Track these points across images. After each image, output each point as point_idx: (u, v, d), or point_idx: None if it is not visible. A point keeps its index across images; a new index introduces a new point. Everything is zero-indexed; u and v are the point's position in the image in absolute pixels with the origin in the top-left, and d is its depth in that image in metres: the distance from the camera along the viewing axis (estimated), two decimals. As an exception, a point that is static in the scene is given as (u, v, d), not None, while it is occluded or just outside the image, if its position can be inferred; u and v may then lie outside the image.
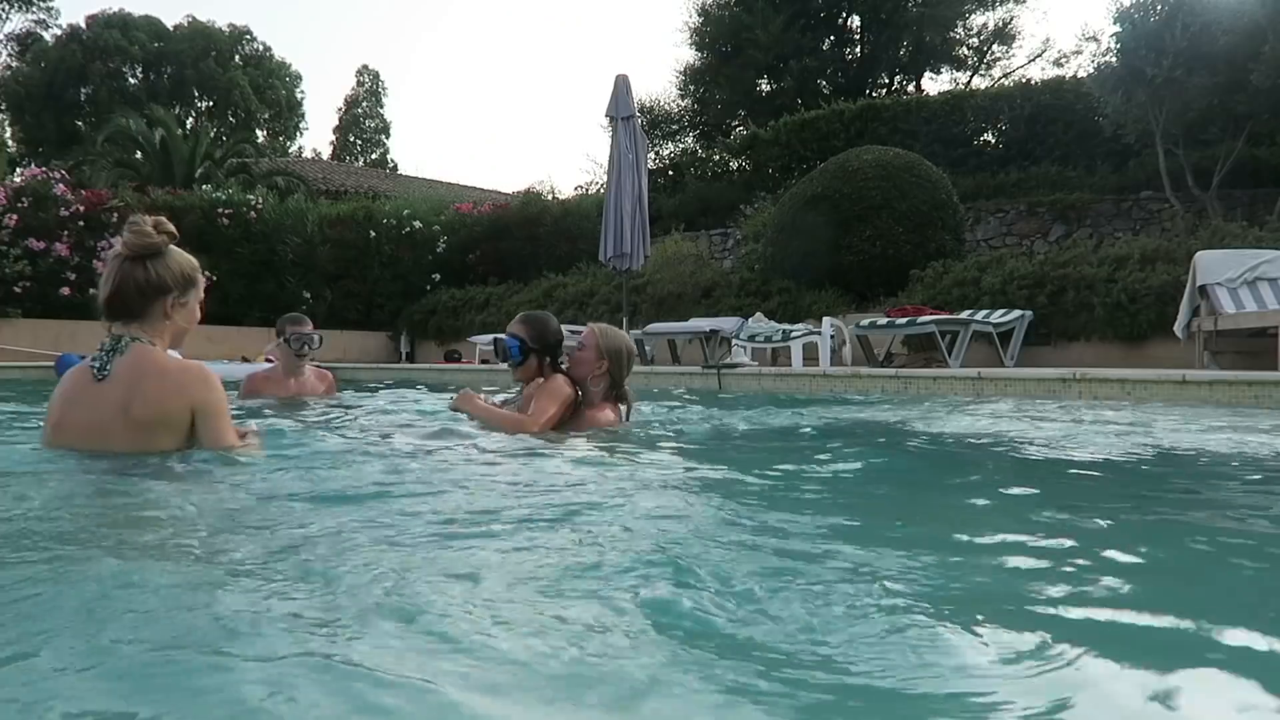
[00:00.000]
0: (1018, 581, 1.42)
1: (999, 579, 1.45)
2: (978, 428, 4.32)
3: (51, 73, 36.03)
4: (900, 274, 10.60)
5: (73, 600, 1.13)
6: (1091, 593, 1.34)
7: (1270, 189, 11.64)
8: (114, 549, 1.44)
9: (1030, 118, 14.81)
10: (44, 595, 1.15)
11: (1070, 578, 1.41)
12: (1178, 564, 1.61)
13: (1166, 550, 1.69)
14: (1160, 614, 1.23)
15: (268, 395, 5.11)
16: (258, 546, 1.49)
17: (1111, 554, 1.56)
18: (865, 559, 1.50)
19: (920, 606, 1.22)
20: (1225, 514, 2.15)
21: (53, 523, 1.68)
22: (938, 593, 1.32)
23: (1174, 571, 1.57)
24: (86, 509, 1.82)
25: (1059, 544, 1.65)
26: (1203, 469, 3.01)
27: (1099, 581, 1.40)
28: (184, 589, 1.20)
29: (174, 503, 1.86)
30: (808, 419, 4.93)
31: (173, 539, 1.56)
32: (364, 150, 46.76)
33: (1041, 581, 1.39)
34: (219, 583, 1.24)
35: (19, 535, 1.54)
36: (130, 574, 1.26)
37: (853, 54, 23.46)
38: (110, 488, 2.01)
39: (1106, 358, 8.64)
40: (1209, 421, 4.32)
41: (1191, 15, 10.23)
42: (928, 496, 2.49)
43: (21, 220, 13.11)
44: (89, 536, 1.56)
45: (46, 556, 1.39)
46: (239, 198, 15.12)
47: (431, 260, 15.90)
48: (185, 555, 1.43)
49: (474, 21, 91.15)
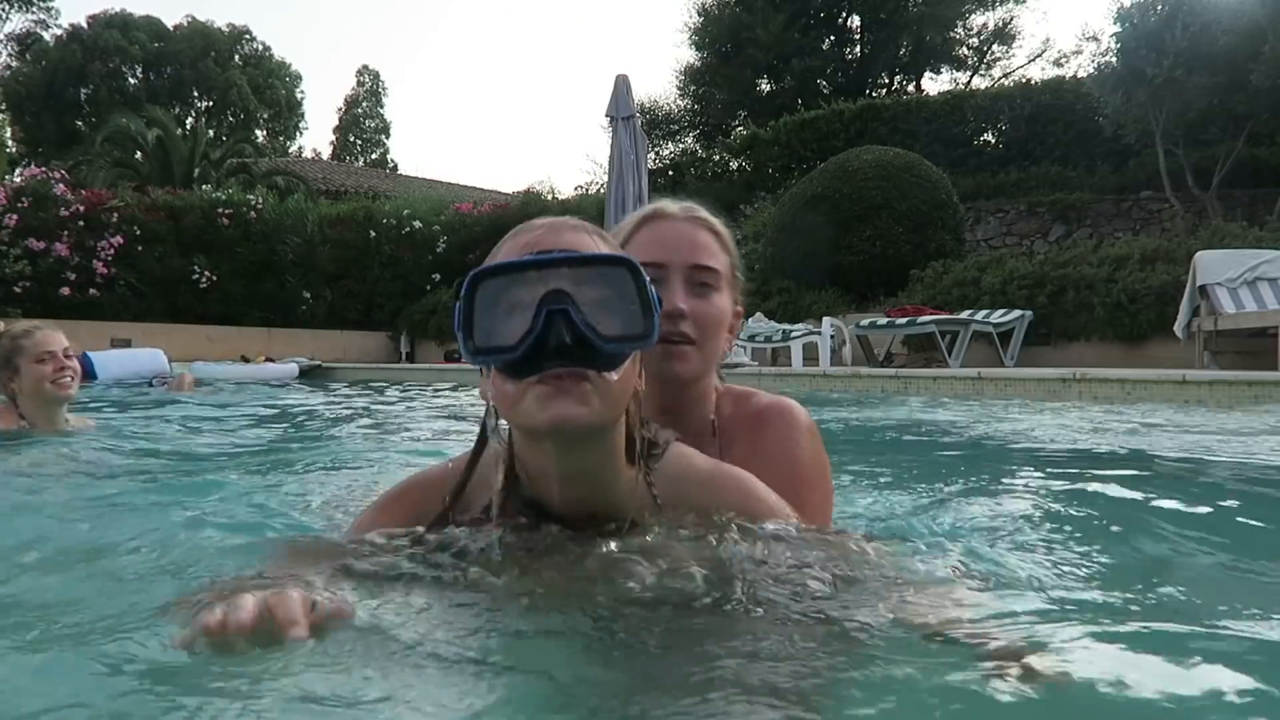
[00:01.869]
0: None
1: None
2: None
3: (51, 73, 36.03)
4: (900, 274, 10.61)
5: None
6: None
7: (1270, 189, 11.64)
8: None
9: (1030, 118, 14.81)
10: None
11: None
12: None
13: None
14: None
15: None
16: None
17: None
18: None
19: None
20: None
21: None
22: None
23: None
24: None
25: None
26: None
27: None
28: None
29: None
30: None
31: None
32: (364, 150, 46.74)
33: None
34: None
35: None
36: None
37: (853, 54, 23.46)
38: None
39: (1106, 358, 8.64)
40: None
41: (1191, 15, 10.23)
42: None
43: (21, 220, 13.10)
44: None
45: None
46: (239, 198, 15.10)
47: (431, 260, 15.89)
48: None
49: (474, 22, 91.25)
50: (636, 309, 1.02)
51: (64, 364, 3.21)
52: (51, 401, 3.24)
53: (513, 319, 1.00)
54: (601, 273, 1.03)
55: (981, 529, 1.86)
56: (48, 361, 3.19)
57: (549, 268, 1.01)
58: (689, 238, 1.39)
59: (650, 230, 1.39)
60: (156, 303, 14.06)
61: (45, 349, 3.19)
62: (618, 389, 1.03)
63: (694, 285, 1.37)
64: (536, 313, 0.98)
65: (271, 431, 4.51)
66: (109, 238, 13.59)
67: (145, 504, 2.20)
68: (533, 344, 0.98)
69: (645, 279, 1.04)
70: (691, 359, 1.35)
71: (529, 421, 1.01)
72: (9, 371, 3.21)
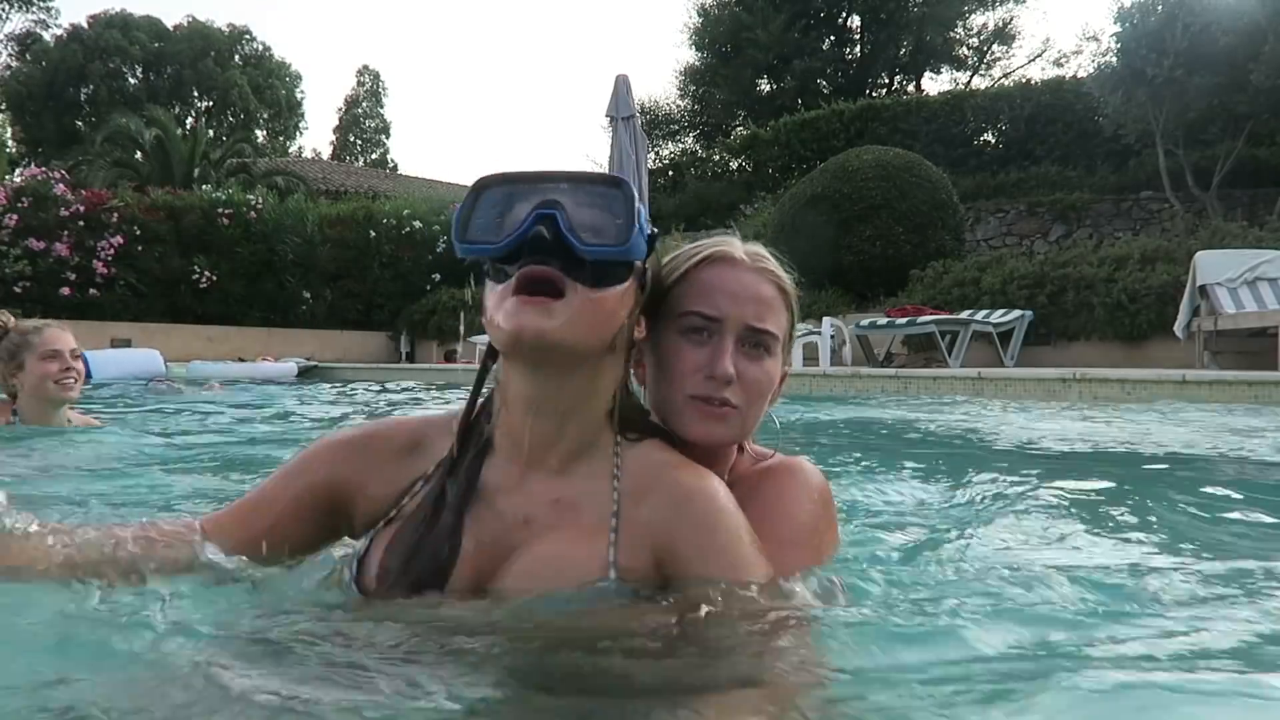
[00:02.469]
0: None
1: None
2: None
3: (51, 73, 36.03)
4: (900, 274, 10.60)
5: None
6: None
7: (1270, 189, 11.64)
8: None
9: (1030, 118, 14.81)
10: None
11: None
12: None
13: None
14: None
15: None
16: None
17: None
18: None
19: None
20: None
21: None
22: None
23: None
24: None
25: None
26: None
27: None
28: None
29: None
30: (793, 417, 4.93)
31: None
32: (364, 150, 46.74)
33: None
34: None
35: None
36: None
37: (853, 54, 23.47)
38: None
39: (1106, 358, 8.63)
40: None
41: (1192, 15, 10.23)
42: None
43: (21, 220, 13.11)
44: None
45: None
46: (239, 198, 15.10)
47: (431, 260, 15.90)
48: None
49: (474, 21, 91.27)
50: (623, 224, 1.05)
51: (69, 365, 3.17)
52: (52, 401, 3.21)
53: (505, 222, 1.06)
54: (598, 190, 1.08)
55: (982, 529, 1.86)
56: (53, 360, 3.14)
57: (548, 181, 1.07)
58: (753, 292, 1.25)
59: (711, 273, 1.25)
60: (156, 303, 14.06)
61: (52, 347, 3.15)
62: (593, 311, 1.04)
63: (747, 346, 1.23)
64: (526, 216, 1.03)
65: (270, 431, 4.51)
66: (109, 238, 13.59)
67: (139, 500, 2.20)
68: (514, 240, 1.02)
69: (636, 201, 1.07)
70: (730, 422, 1.23)
71: (499, 333, 1.04)
72: (13, 365, 3.16)
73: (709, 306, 1.22)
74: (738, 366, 1.21)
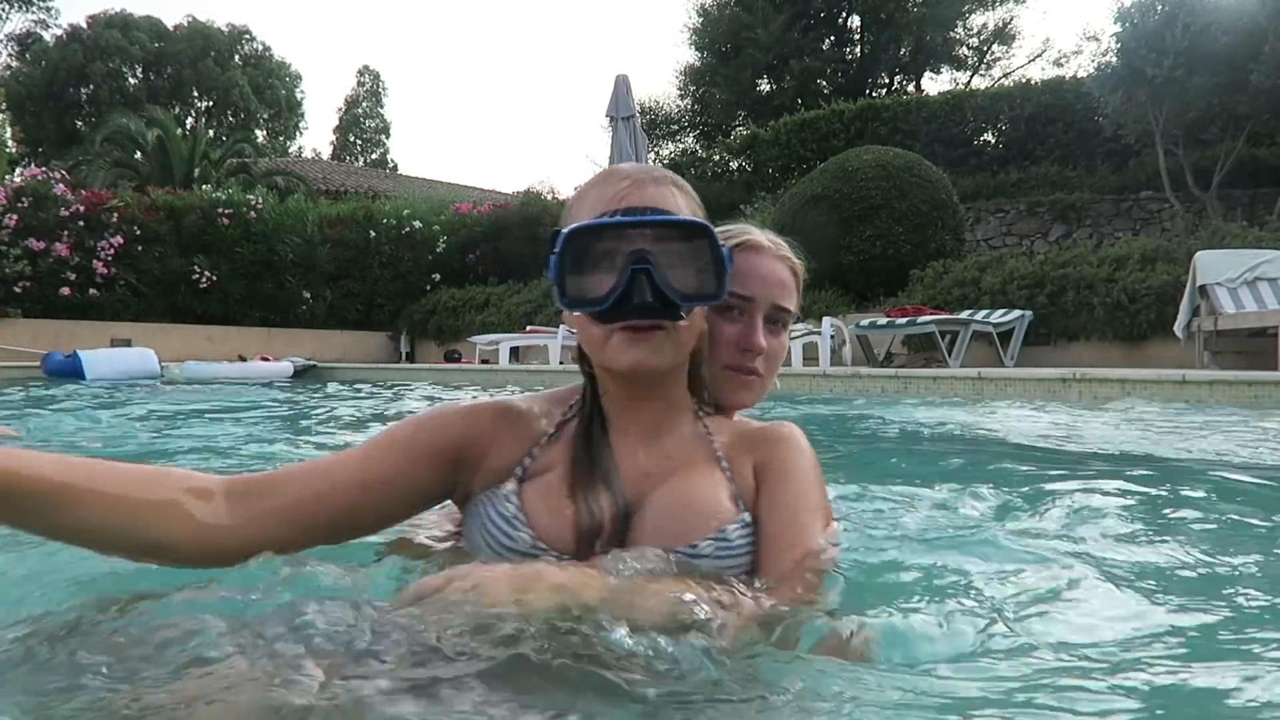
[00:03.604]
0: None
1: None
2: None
3: (51, 73, 36.01)
4: (900, 274, 10.60)
5: None
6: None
7: (1270, 189, 11.64)
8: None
9: (1030, 118, 14.80)
10: None
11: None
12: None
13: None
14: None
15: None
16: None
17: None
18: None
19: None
20: None
21: None
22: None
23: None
24: None
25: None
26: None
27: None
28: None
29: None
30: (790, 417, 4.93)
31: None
32: (364, 150, 46.74)
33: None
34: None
35: None
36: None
37: (853, 54, 23.46)
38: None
39: (1106, 358, 8.64)
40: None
41: (1192, 15, 10.23)
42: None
43: (21, 220, 13.09)
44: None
45: None
46: (239, 197, 15.08)
47: (431, 260, 15.90)
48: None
49: (474, 21, 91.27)
50: (710, 271, 1.17)
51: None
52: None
53: (600, 272, 1.15)
54: (682, 236, 1.17)
55: (981, 528, 1.86)
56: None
57: (635, 229, 1.15)
58: (778, 276, 1.46)
59: (742, 259, 1.42)
60: (156, 303, 14.06)
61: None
62: (686, 333, 1.21)
63: (770, 322, 1.44)
64: (622, 270, 1.13)
65: (267, 430, 4.51)
66: (109, 238, 13.58)
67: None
68: (618, 298, 1.13)
69: (719, 243, 1.17)
70: (756, 390, 1.44)
71: (612, 362, 1.19)
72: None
73: (743, 288, 1.40)
74: (765, 340, 1.42)
